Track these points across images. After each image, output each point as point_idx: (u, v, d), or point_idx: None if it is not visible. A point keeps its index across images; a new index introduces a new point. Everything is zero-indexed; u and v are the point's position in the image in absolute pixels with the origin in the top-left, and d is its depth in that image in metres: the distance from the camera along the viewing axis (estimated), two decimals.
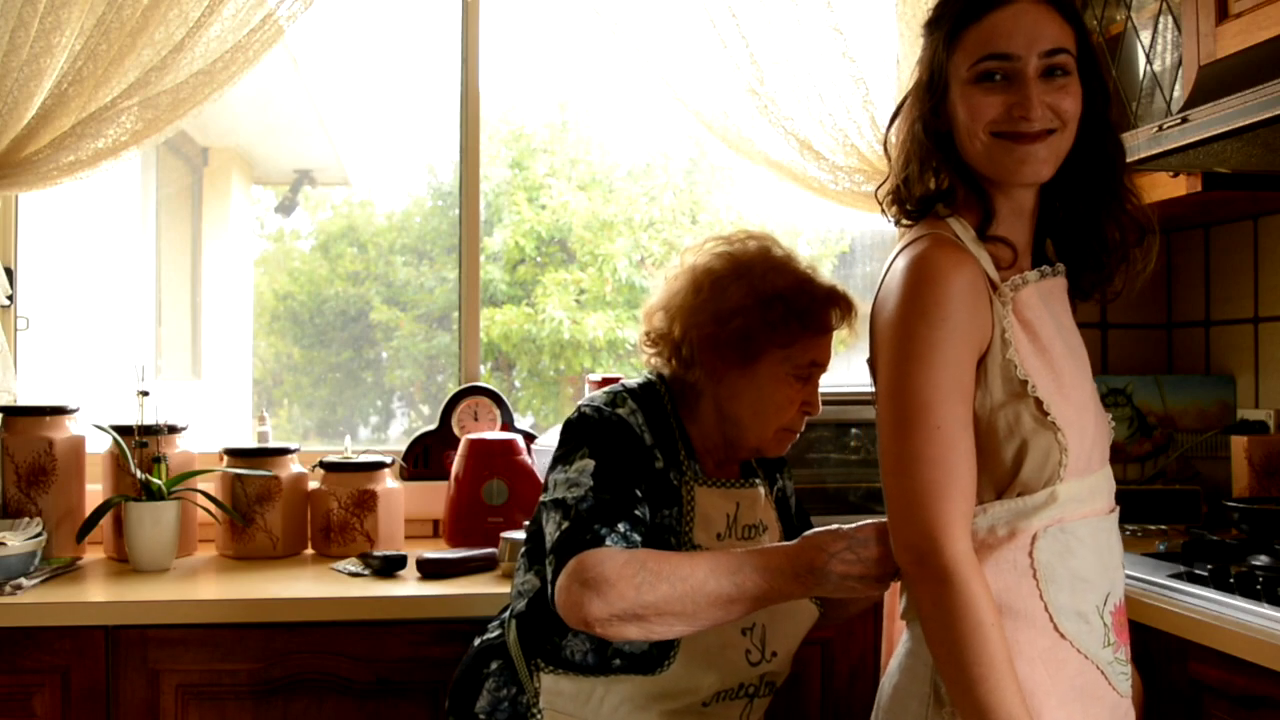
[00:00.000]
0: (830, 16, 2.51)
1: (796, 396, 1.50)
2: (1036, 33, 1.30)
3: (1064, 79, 1.31)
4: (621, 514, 1.35)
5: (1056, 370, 1.31)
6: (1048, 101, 1.30)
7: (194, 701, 1.86)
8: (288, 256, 4.00)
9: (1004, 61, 1.30)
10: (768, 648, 1.49)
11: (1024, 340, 1.30)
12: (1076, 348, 1.37)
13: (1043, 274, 1.36)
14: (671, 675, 1.42)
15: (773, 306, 1.46)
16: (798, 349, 1.49)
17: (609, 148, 4.22)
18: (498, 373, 3.98)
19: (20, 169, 2.22)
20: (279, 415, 3.74)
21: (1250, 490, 2.36)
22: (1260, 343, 2.55)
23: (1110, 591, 1.30)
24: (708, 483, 1.51)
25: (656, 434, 1.50)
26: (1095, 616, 1.28)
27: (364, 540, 2.29)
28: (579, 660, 1.44)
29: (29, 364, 2.53)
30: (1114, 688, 1.29)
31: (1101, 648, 1.28)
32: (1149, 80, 2.38)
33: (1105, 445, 1.36)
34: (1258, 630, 1.51)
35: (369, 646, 1.88)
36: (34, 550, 2.01)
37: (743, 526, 1.51)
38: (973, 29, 1.33)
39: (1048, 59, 1.30)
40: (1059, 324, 1.35)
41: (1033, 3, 1.32)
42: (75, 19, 2.22)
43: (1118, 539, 1.35)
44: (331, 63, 3.61)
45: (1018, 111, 1.29)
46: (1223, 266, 2.65)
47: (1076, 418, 1.30)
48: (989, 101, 1.31)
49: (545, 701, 1.46)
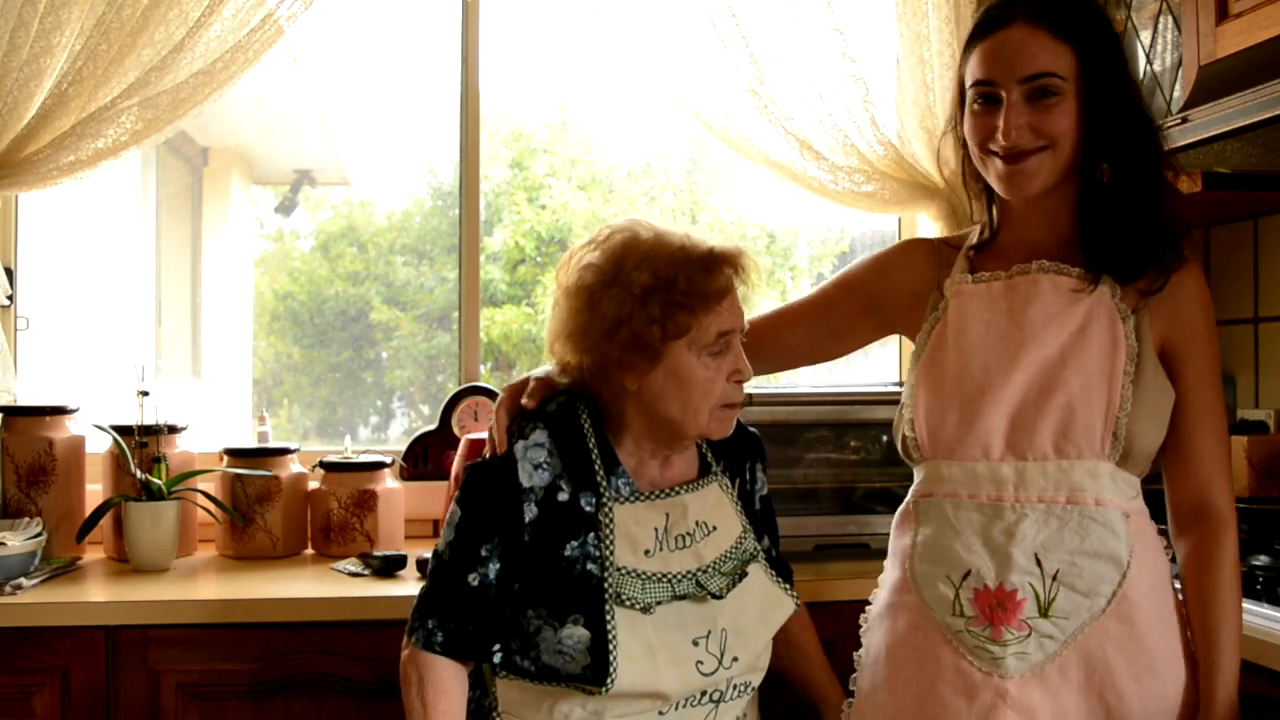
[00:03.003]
0: (830, 16, 2.51)
1: (717, 373, 1.45)
2: (1019, 59, 1.41)
3: (1052, 99, 1.41)
4: (442, 603, 1.45)
5: (961, 364, 1.47)
6: (1030, 123, 1.41)
7: (194, 701, 1.86)
8: (288, 256, 3.99)
9: (989, 86, 1.44)
10: (727, 654, 1.45)
11: (939, 329, 1.50)
12: (1023, 343, 1.45)
13: (994, 276, 1.50)
14: (617, 694, 1.40)
15: (651, 302, 1.40)
16: (697, 330, 1.42)
17: (609, 148, 4.22)
18: (498, 373, 3.98)
19: (20, 169, 2.22)
20: (279, 415, 3.74)
21: (1250, 490, 2.35)
22: (1260, 343, 2.54)
23: (975, 571, 1.42)
24: (631, 499, 1.47)
25: (567, 461, 1.46)
26: (947, 586, 1.44)
27: (364, 540, 2.29)
28: (528, 669, 1.44)
29: (29, 364, 2.53)
30: (969, 660, 1.41)
31: (951, 615, 1.43)
32: (1149, 80, 2.38)
33: (1028, 440, 1.43)
34: (1258, 630, 1.51)
35: (369, 646, 1.88)
36: (34, 550, 2.01)
37: (675, 536, 1.47)
38: (974, 52, 1.47)
39: (1029, 84, 1.41)
40: (1013, 321, 1.46)
41: (1026, 26, 1.42)
42: (75, 19, 2.22)
43: (1028, 531, 1.41)
44: (331, 63, 3.61)
45: (998, 133, 1.42)
46: (1223, 266, 2.65)
47: (948, 408, 1.46)
48: (980, 123, 1.45)
49: (504, 706, 1.47)
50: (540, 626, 1.42)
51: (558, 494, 1.45)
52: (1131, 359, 1.43)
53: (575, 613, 1.40)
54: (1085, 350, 1.43)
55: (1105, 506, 1.42)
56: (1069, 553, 1.41)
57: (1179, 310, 1.47)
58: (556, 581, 1.42)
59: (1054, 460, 1.42)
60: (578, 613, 1.40)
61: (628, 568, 1.43)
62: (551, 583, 1.42)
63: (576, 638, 1.39)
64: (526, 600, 1.43)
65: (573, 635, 1.39)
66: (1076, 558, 1.40)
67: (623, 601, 1.40)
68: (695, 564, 1.47)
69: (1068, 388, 1.42)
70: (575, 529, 1.44)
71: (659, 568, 1.44)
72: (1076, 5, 1.44)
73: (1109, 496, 1.42)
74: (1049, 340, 1.44)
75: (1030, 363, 1.44)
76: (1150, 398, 1.44)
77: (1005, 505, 1.43)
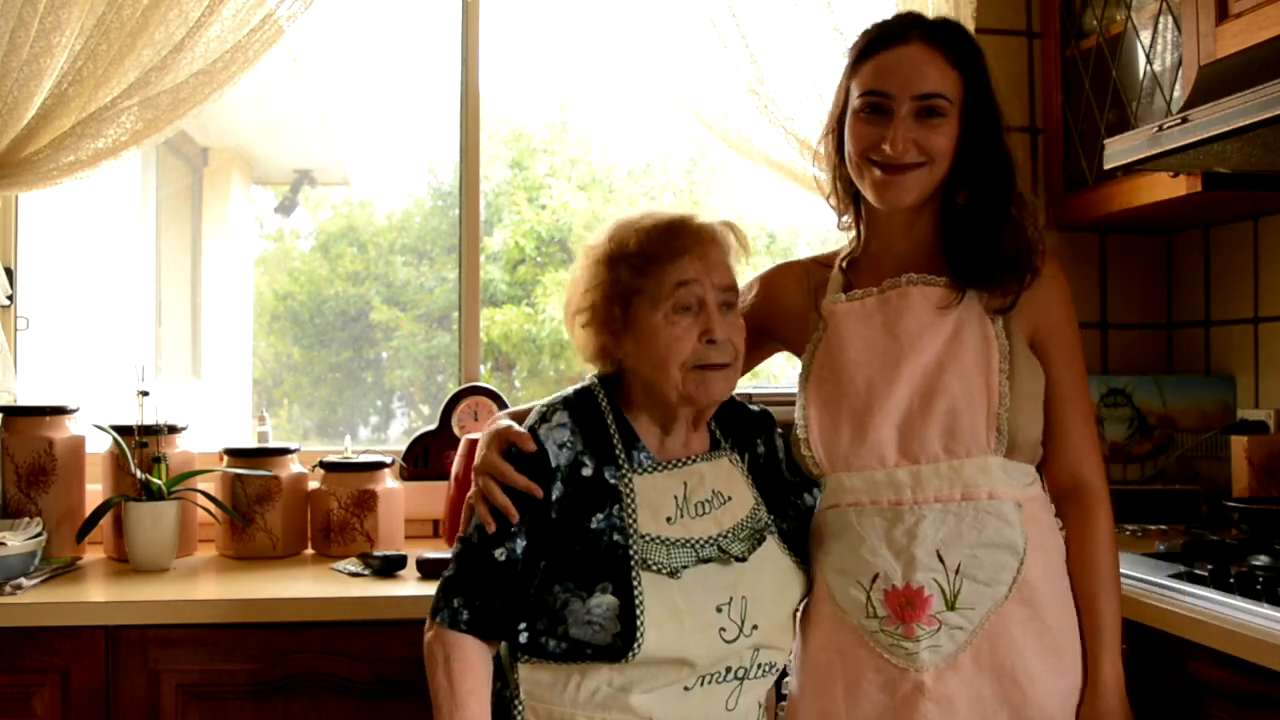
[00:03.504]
0: (830, 16, 2.51)
1: (686, 332, 1.46)
2: (915, 76, 1.50)
3: (937, 120, 1.50)
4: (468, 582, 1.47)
5: (845, 380, 1.54)
6: (915, 138, 1.50)
7: (194, 701, 1.86)
8: (288, 256, 4.00)
9: (882, 98, 1.51)
10: (747, 621, 1.47)
11: (822, 349, 1.57)
12: (901, 354, 1.52)
13: (866, 293, 1.57)
14: (643, 662, 1.41)
15: (610, 265, 1.49)
16: (655, 285, 1.46)
17: (609, 148, 4.22)
18: (498, 373, 3.98)
19: (20, 169, 2.22)
20: (279, 415, 3.74)
21: (1250, 490, 2.36)
22: (1260, 343, 2.55)
23: (882, 573, 1.49)
24: (649, 470, 1.51)
25: (588, 439, 1.51)
26: (858, 590, 1.50)
27: (364, 540, 2.29)
28: (553, 650, 1.45)
29: (29, 364, 2.53)
30: (886, 658, 1.48)
31: (865, 617, 1.50)
32: (1149, 80, 2.38)
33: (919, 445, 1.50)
34: (1258, 630, 1.51)
35: (369, 646, 1.88)
36: (34, 550, 2.01)
37: (695, 504, 1.50)
38: (867, 64, 1.54)
39: (920, 101, 1.50)
40: (890, 334, 1.53)
41: (923, 47, 1.52)
42: (75, 19, 2.22)
43: (928, 530, 1.48)
44: (331, 63, 3.61)
45: (884, 144, 1.49)
46: (1223, 266, 2.65)
47: (840, 424, 1.53)
48: (866, 131, 1.52)
49: (525, 692, 1.48)
50: (568, 600, 1.43)
51: (581, 469, 1.49)
52: (1005, 356, 1.52)
53: (603, 581, 1.42)
54: (961, 354, 1.51)
55: (998, 499, 1.49)
56: (968, 546, 1.48)
57: (1042, 304, 1.55)
58: (584, 554, 1.44)
59: (945, 460, 1.50)
60: (605, 580, 1.42)
61: (651, 534, 1.45)
62: (579, 555, 1.45)
63: (605, 605, 1.41)
64: (554, 576, 1.45)
65: (601, 604, 1.41)
66: (976, 550, 1.48)
67: (649, 567, 1.43)
68: (715, 529, 1.49)
69: (949, 392, 1.50)
70: (601, 501, 1.47)
71: (682, 533, 1.47)
72: (966, 38, 1.56)
73: (1001, 489, 1.50)
74: (926, 349, 1.52)
75: (911, 372, 1.51)
76: (1027, 390, 1.52)
77: (904, 508, 1.50)
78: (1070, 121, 2.66)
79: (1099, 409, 2.62)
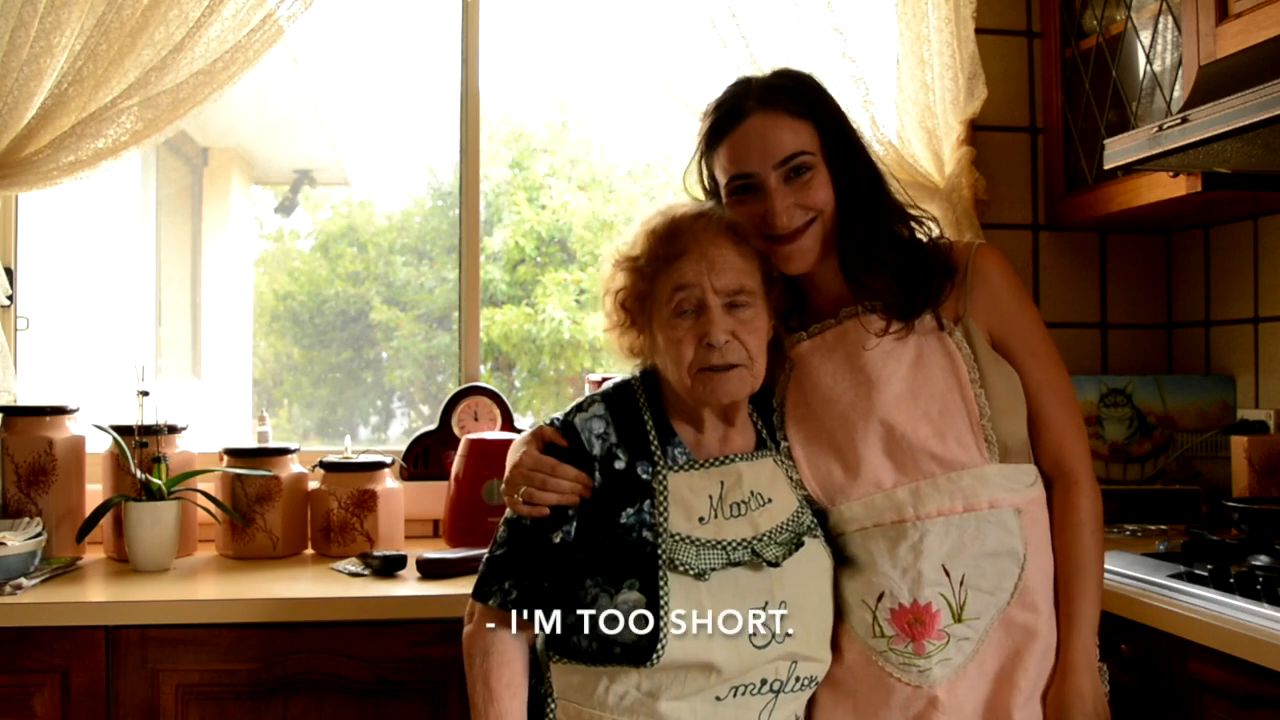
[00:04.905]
0: (830, 16, 2.51)
1: (686, 335, 1.46)
2: (769, 146, 1.51)
3: (807, 175, 1.52)
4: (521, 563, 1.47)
5: (822, 417, 1.54)
6: (795, 202, 1.51)
7: (194, 701, 1.86)
8: (288, 256, 4.00)
9: (748, 178, 1.53)
10: (781, 628, 1.44)
11: (793, 389, 1.57)
12: (870, 383, 1.51)
13: (824, 326, 1.57)
14: (668, 666, 1.40)
15: (623, 269, 1.51)
16: (657, 288, 1.48)
17: (609, 148, 4.22)
18: (498, 373, 3.98)
19: (20, 169, 2.22)
20: (279, 415, 3.74)
21: (1250, 490, 2.36)
22: (1260, 343, 2.55)
23: (889, 592, 1.48)
24: (685, 467, 1.49)
25: (623, 433, 1.51)
26: (864, 610, 1.49)
27: (364, 540, 2.29)
28: (585, 648, 1.44)
29: (29, 364, 2.53)
30: (893, 675, 1.48)
31: (872, 637, 1.49)
32: (1149, 80, 2.38)
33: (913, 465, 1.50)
34: (1258, 630, 1.51)
35: (369, 646, 1.88)
36: (34, 550, 2.01)
37: (730, 504, 1.48)
38: (721, 148, 1.56)
39: (785, 166, 1.51)
40: (852, 366, 1.53)
41: (763, 114, 1.53)
42: (75, 19, 2.22)
43: (933, 545, 1.47)
44: (331, 63, 3.61)
45: (771, 219, 1.50)
46: (1223, 266, 2.65)
47: (828, 461, 1.53)
48: (747, 213, 1.52)
49: (558, 692, 1.48)
50: (597, 595, 1.43)
51: (614, 462, 1.49)
52: (972, 366, 1.52)
53: (630, 577, 1.42)
54: (928, 376, 1.52)
55: (999, 508, 1.50)
56: (972, 557, 1.48)
57: (988, 303, 1.55)
58: (613, 548, 1.44)
59: (943, 474, 1.50)
60: (633, 577, 1.42)
61: (681, 534, 1.44)
62: (608, 550, 1.44)
63: (631, 603, 1.40)
64: (585, 569, 1.45)
65: (628, 600, 1.41)
66: (979, 560, 1.48)
67: (676, 568, 1.41)
68: (750, 532, 1.46)
69: (927, 415, 1.51)
70: (631, 496, 1.47)
71: (713, 534, 1.45)
72: (798, 82, 1.57)
73: (1001, 496, 1.50)
74: (893, 377, 1.52)
75: (884, 399, 1.51)
76: (1003, 394, 1.52)
77: (908, 524, 1.49)
78: (1070, 121, 2.66)
79: (1099, 409, 2.62)
